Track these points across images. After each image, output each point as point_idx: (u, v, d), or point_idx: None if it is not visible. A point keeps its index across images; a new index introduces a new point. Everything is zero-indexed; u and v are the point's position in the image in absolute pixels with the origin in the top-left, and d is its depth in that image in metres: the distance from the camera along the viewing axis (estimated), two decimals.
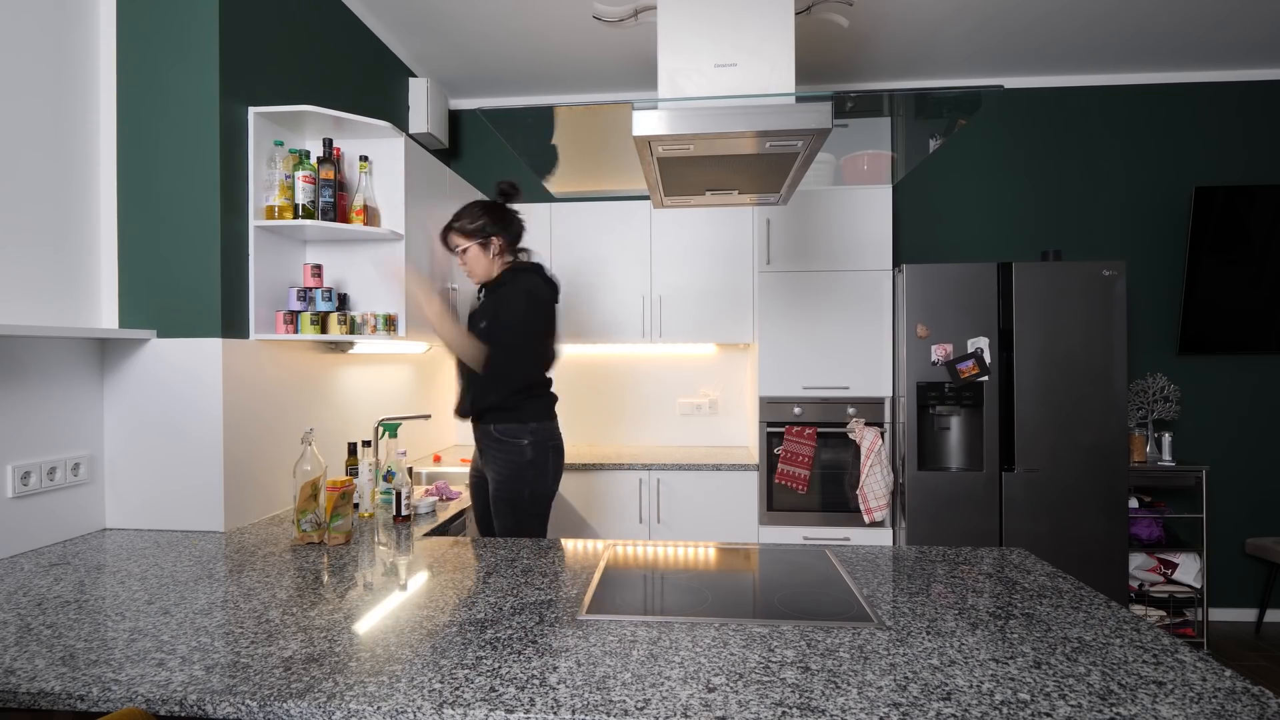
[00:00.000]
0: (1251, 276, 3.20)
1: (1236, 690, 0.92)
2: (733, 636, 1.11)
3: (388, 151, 2.21)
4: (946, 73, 3.34)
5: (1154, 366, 3.34)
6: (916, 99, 2.87)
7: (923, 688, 0.93)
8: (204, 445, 1.85)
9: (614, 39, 2.96)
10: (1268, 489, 3.30)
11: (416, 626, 1.15)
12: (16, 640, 1.11)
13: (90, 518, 1.82)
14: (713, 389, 3.54)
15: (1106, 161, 3.38)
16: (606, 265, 3.24)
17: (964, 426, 2.85)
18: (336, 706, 0.89)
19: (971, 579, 1.41)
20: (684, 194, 2.07)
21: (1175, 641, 1.08)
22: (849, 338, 2.97)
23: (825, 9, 2.56)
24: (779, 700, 0.90)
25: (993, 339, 2.78)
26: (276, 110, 2.00)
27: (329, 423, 2.36)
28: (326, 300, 2.09)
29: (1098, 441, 2.75)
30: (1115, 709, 0.87)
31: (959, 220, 3.46)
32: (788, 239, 3.01)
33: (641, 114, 1.57)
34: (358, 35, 2.69)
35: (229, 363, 1.87)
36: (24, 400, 1.62)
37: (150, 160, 1.87)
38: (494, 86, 3.48)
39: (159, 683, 0.96)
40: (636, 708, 0.88)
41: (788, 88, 1.65)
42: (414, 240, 2.31)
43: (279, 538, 1.77)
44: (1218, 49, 3.07)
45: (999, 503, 2.79)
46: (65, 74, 1.75)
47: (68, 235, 1.76)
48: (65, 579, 1.43)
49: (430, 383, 3.28)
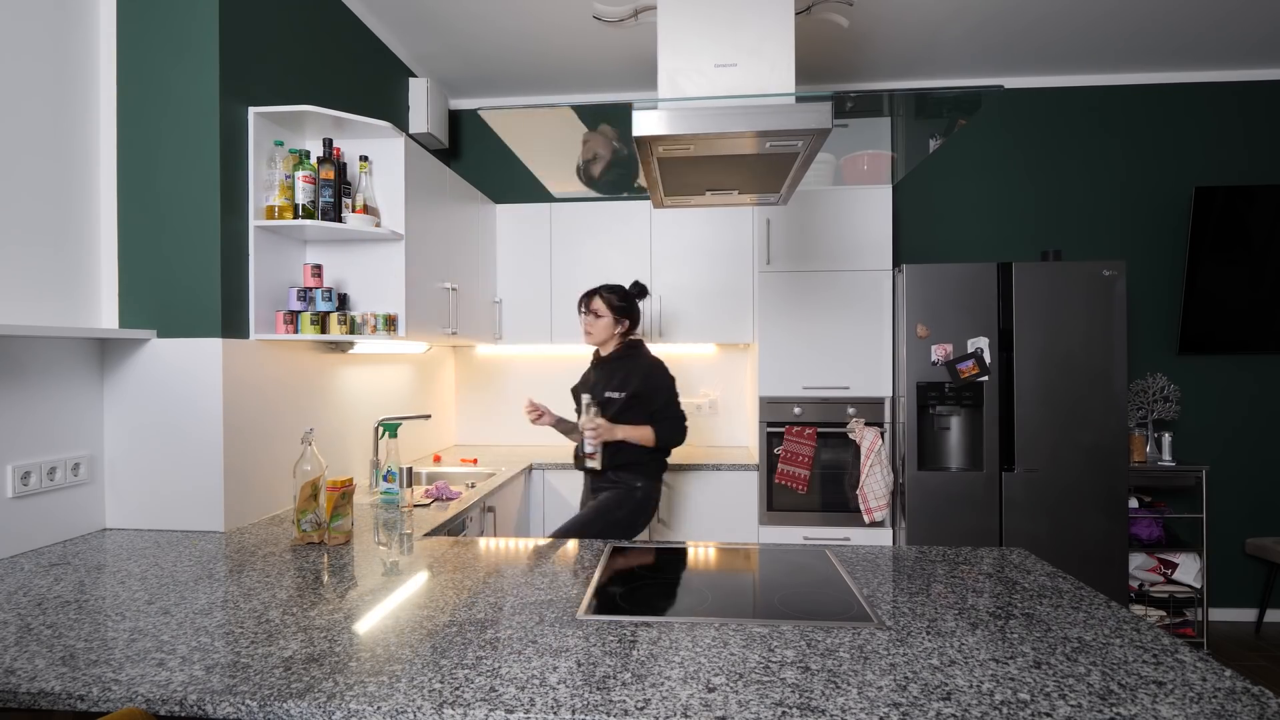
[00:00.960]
0: (1251, 276, 3.20)
1: (1236, 690, 0.92)
2: (733, 636, 1.11)
3: (388, 151, 2.21)
4: (946, 73, 3.34)
5: (1154, 366, 3.34)
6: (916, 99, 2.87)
7: (923, 688, 0.93)
8: (204, 445, 1.85)
9: (614, 39, 2.96)
10: (1268, 489, 3.30)
11: (416, 626, 1.15)
12: (16, 640, 1.11)
13: (90, 518, 1.82)
14: (713, 389, 3.54)
15: (1106, 161, 3.38)
16: (606, 265, 3.24)
17: (964, 426, 2.85)
18: (336, 706, 0.89)
19: (971, 579, 1.41)
20: (684, 194, 2.07)
21: (1175, 641, 1.08)
22: (849, 338, 2.97)
23: (825, 9, 2.56)
24: (779, 700, 0.90)
25: (993, 339, 2.78)
26: (276, 110, 2.00)
27: (329, 423, 2.36)
28: (327, 300, 2.09)
29: (1098, 441, 2.75)
30: (1115, 709, 0.87)
31: (959, 220, 3.46)
32: (788, 239, 3.01)
33: (641, 114, 1.57)
34: (358, 35, 2.69)
35: (229, 363, 1.87)
36: (24, 400, 1.62)
37: (150, 160, 1.87)
38: (494, 86, 3.48)
39: (159, 683, 0.96)
40: (636, 708, 0.88)
41: (788, 88, 1.65)
42: (414, 240, 2.31)
43: (279, 538, 1.77)
44: (1218, 49, 3.07)
45: (999, 503, 2.79)
46: (65, 74, 1.75)
47: (68, 235, 1.76)
48: (65, 579, 1.43)
49: (430, 383, 3.28)
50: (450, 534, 1.98)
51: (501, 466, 2.85)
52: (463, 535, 2.00)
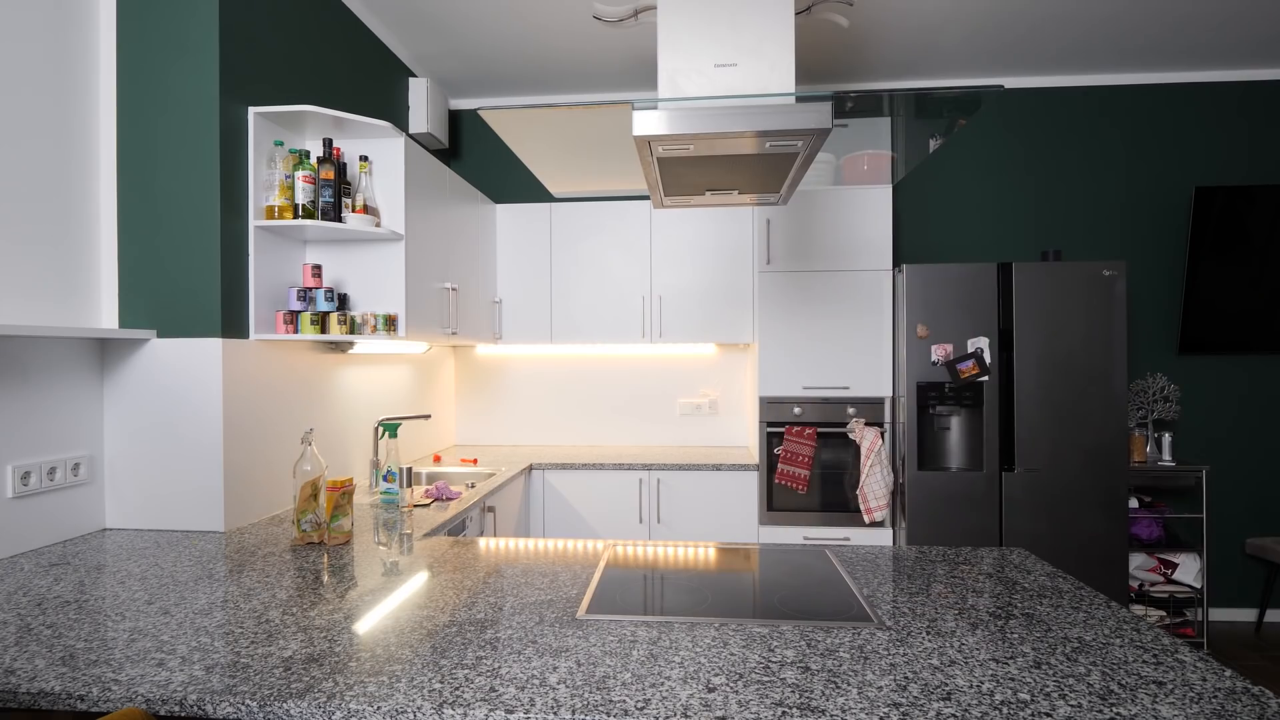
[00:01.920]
0: (1252, 276, 3.20)
1: (1237, 690, 0.92)
2: (733, 636, 1.11)
3: (388, 151, 2.21)
4: (946, 73, 3.34)
5: (1154, 366, 3.34)
6: (916, 99, 2.87)
7: (923, 688, 0.93)
8: (204, 445, 1.85)
9: (614, 39, 2.96)
10: (1268, 489, 3.30)
11: (416, 626, 1.15)
12: (16, 640, 1.11)
13: (90, 518, 1.82)
14: (713, 389, 3.54)
15: (1107, 161, 3.38)
16: (606, 265, 3.24)
17: (964, 426, 2.85)
18: (336, 706, 0.89)
19: (971, 579, 1.41)
20: (684, 194, 2.07)
21: (1175, 641, 1.08)
22: (849, 338, 2.97)
23: (825, 9, 2.56)
24: (779, 700, 0.90)
25: (993, 339, 2.78)
26: (276, 110, 2.00)
27: (329, 423, 2.36)
28: (327, 300, 2.09)
29: (1098, 441, 2.75)
30: (1115, 709, 0.87)
31: (959, 220, 3.46)
32: (788, 239, 3.01)
33: (641, 114, 1.57)
34: (358, 35, 2.69)
35: (229, 363, 1.87)
36: (24, 400, 1.62)
37: (150, 160, 1.86)
38: (494, 86, 3.48)
39: (159, 683, 0.96)
40: (636, 708, 0.88)
41: (788, 88, 1.65)
42: (414, 240, 2.31)
43: (279, 538, 1.77)
44: (1218, 49, 3.07)
45: (999, 503, 2.79)
46: (65, 74, 1.75)
47: (68, 235, 1.76)
48: (65, 579, 1.43)
49: (430, 383, 3.28)
50: (450, 534, 1.98)
51: (501, 466, 2.85)
52: (463, 535, 2.00)
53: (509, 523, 2.67)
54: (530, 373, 3.62)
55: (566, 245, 3.28)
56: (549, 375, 3.60)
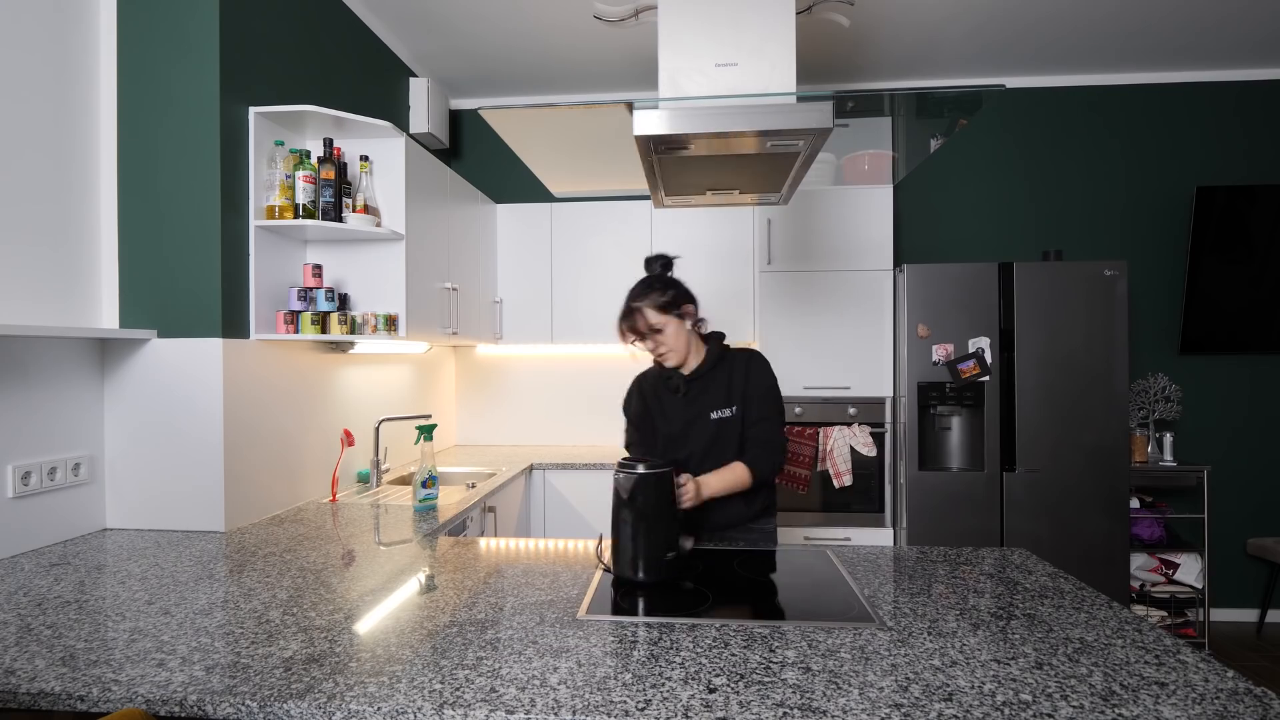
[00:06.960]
0: (1252, 276, 3.19)
1: (1239, 691, 0.91)
2: (733, 637, 1.11)
3: (388, 151, 2.21)
4: (947, 72, 3.33)
5: (1155, 366, 3.33)
6: (917, 99, 2.87)
7: (924, 688, 0.93)
8: (204, 445, 1.85)
9: (615, 39, 2.96)
10: (1269, 489, 3.30)
11: (417, 626, 1.15)
12: (16, 640, 1.11)
13: (90, 518, 1.82)
14: None
15: (1107, 161, 3.37)
16: (606, 265, 3.24)
17: (965, 426, 2.85)
18: (337, 707, 0.89)
19: (973, 579, 1.40)
20: (685, 194, 2.07)
21: (1177, 642, 1.08)
22: (850, 338, 2.97)
23: (826, 9, 2.55)
24: (780, 701, 0.89)
25: (994, 339, 2.78)
26: (277, 110, 1.99)
27: (329, 423, 2.35)
28: (328, 300, 2.09)
29: (1099, 441, 2.75)
30: (1117, 710, 0.87)
31: (960, 220, 3.45)
32: (788, 239, 3.01)
33: (642, 113, 1.57)
34: (358, 35, 2.69)
35: (229, 363, 1.87)
36: (24, 400, 1.62)
37: (150, 160, 1.86)
38: (494, 86, 3.48)
39: (159, 683, 0.96)
40: (637, 708, 0.88)
41: (789, 87, 1.65)
42: (414, 240, 2.31)
43: (279, 538, 1.77)
44: (1218, 49, 3.07)
45: (1000, 503, 2.79)
46: (66, 74, 1.75)
47: (68, 235, 1.76)
48: (65, 579, 1.43)
49: (430, 383, 3.28)
50: (451, 534, 1.97)
51: (502, 466, 2.85)
52: (463, 535, 2.00)
53: (509, 523, 2.66)
54: (531, 373, 3.62)
55: (567, 245, 3.28)
56: (549, 375, 3.60)
